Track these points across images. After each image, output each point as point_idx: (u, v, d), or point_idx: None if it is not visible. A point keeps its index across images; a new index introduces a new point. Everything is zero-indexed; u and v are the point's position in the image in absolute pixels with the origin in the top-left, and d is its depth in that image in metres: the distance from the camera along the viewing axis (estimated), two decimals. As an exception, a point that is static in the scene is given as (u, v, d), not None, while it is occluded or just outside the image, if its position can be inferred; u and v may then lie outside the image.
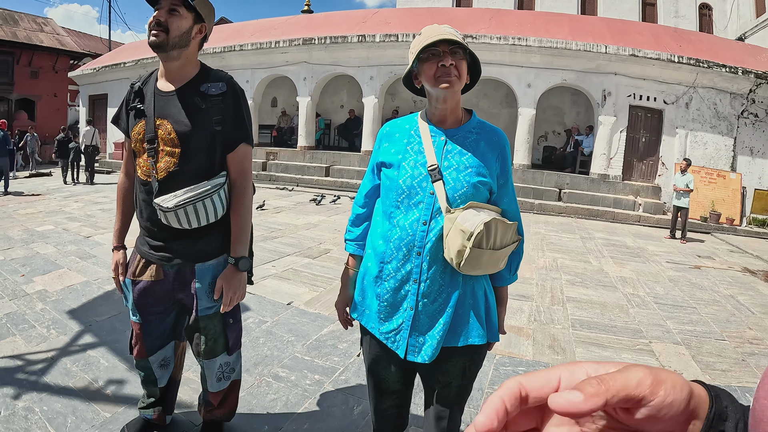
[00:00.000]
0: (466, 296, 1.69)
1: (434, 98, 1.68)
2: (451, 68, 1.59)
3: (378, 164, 1.83)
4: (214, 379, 2.33)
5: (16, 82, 25.70)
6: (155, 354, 2.32)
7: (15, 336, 3.81)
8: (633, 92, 13.47)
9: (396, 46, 14.78)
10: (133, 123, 2.04)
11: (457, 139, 1.70)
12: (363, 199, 1.94)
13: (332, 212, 10.47)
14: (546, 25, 14.75)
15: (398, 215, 1.69)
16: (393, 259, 1.70)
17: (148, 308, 2.21)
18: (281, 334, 4.00)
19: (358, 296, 1.88)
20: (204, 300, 2.14)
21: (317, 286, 5.27)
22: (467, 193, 1.63)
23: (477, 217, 1.54)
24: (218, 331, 2.23)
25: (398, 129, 1.81)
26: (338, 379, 3.31)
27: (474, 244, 1.50)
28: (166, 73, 2.03)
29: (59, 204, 10.91)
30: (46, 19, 29.87)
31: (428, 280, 1.66)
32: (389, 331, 1.73)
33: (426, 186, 1.65)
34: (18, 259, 6.14)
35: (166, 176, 1.98)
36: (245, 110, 2.11)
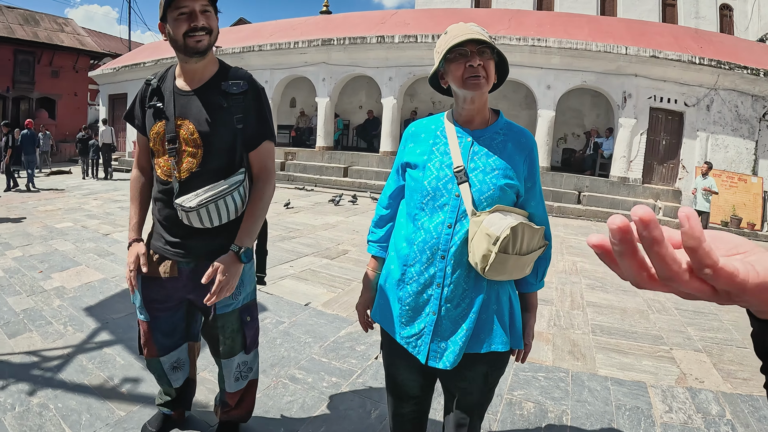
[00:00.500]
0: (491, 301, 1.66)
1: (461, 99, 1.66)
2: (479, 68, 1.57)
3: (403, 165, 1.81)
4: (232, 379, 2.30)
5: (37, 81, 26.18)
6: (167, 354, 2.30)
7: (32, 332, 3.84)
8: (653, 94, 13.26)
9: (415, 47, 14.75)
10: (152, 122, 2.01)
11: (484, 140, 1.67)
12: (387, 200, 1.92)
13: (351, 213, 10.46)
14: (565, 26, 14.62)
15: (422, 217, 1.67)
16: (416, 262, 1.67)
17: (156, 305, 2.18)
18: (298, 335, 3.97)
19: (379, 299, 1.86)
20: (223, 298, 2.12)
21: (335, 287, 5.24)
22: (494, 196, 1.60)
23: (503, 221, 1.51)
24: (236, 329, 2.21)
25: (424, 129, 1.78)
26: (356, 382, 3.28)
27: (500, 248, 1.47)
28: (186, 73, 1.99)
29: (78, 201, 11.05)
30: (66, 19, 30.40)
31: (452, 285, 1.63)
32: (410, 336, 1.71)
33: (451, 188, 1.62)
34: (36, 255, 6.21)
35: (188, 176, 1.96)
36: (267, 107, 2.09)
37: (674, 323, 4.82)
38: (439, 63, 1.66)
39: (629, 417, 3.06)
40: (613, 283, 6.19)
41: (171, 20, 1.83)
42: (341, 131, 18.97)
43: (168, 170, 1.98)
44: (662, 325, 4.74)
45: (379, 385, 3.23)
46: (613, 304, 5.33)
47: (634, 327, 4.64)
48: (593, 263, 7.32)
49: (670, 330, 4.62)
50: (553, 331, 4.41)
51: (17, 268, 5.60)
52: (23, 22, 27.05)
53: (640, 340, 4.31)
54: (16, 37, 25.57)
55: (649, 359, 3.92)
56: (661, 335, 4.47)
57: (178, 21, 1.82)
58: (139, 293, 2.16)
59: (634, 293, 5.73)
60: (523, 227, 1.51)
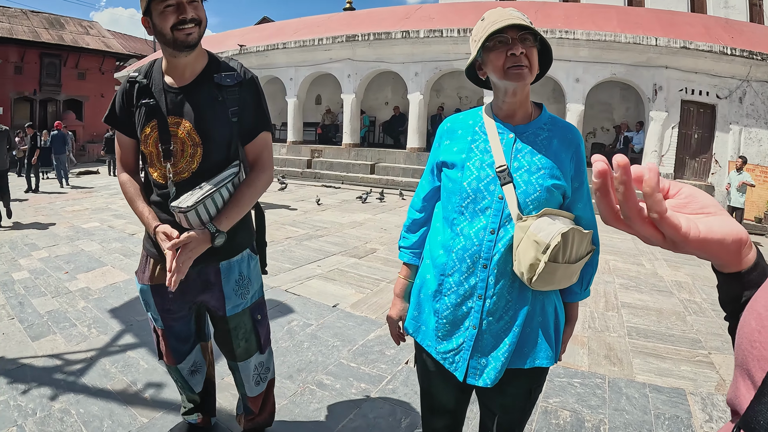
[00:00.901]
0: (535, 313, 1.54)
1: (502, 91, 1.52)
2: (522, 57, 1.42)
3: (438, 164, 1.67)
4: (252, 382, 2.23)
5: (63, 83, 26.80)
6: (184, 360, 2.23)
7: (56, 334, 3.81)
8: (685, 86, 12.90)
9: (440, 42, 14.60)
10: (144, 123, 1.88)
11: (528, 136, 1.54)
12: (421, 203, 1.78)
13: (378, 210, 10.35)
14: (593, 18, 14.29)
15: (462, 222, 1.54)
16: (455, 271, 1.55)
17: (171, 314, 2.10)
18: (326, 338, 3.86)
19: (413, 310, 1.73)
20: (232, 299, 2.05)
21: (363, 288, 5.12)
22: (540, 198, 1.47)
23: (553, 226, 1.38)
24: (249, 328, 2.15)
25: (461, 125, 1.64)
26: (385, 389, 3.15)
27: (550, 257, 1.35)
28: (175, 69, 1.87)
29: (105, 201, 11.17)
30: (91, 22, 31.06)
31: (494, 296, 1.50)
32: (447, 351, 1.59)
33: (494, 189, 1.49)
34: (63, 256, 6.25)
35: (189, 177, 1.86)
36: (262, 97, 2.00)
37: (711, 325, 4.60)
38: (477, 52, 1.51)
39: (668, 427, 2.90)
40: (647, 282, 5.96)
41: (157, 14, 1.70)
42: (367, 128, 18.93)
43: (164, 172, 1.87)
44: (699, 328, 4.53)
45: (410, 391, 3.11)
46: (649, 305, 5.12)
47: (671, 330, 4.43)
48: (626, 261, 7.09)
49: (707, 333, 4.41)
50: (588, 334, 4.23)
51: (43, 269, 5.63)
52: (48, 26, 27.70)
53: (678, 344, 4.11)
54: (41, 40, 26.21)
55: (687, 364, 3.74)
56: (698, 338, 4.27)
57: (165, 14, 1.69)
58: (151, 301, 2.07)
59: (669, 293, 5.54)
60: (573, 233, 1.38)
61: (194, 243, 1.74)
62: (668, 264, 7.06)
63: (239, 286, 2.05)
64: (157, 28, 1.73)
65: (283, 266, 5.80)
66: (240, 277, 2.05)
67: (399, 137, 17.65)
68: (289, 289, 4.98)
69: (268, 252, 2.55)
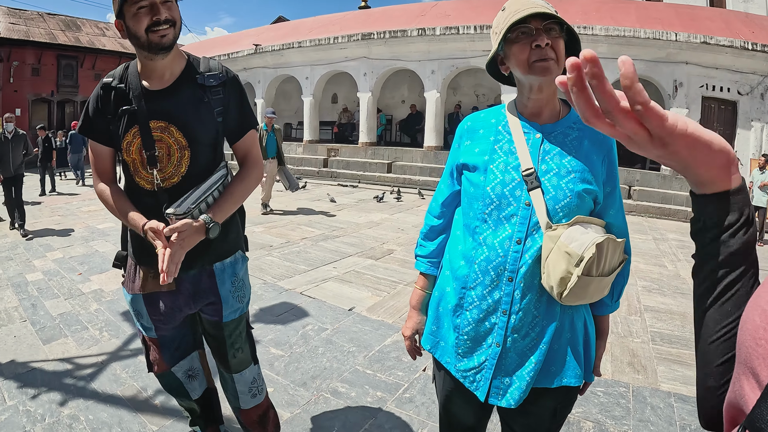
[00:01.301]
0: (564, 329, 1.44)
1: (527, 87, 1.41)
2: (548, 49, 1.31)
3: (458, 166, 1.57)
4: (249, 395, 2.15)
5: (80, 84, 27.20)
6: (178, 363, 2.16)
7: (67, 338, 3.78)
8: (705, 82, 12.68)
9: (457, 39, 14.51)
10: (124, 130, 1.78)
11: (556, 136, 1.42)
12: (439, 209, 1.67)
13: (395, 210, 10.26)
14: (611, 13, 14.11)
15: (485, 231, 1.44)
16: (478, 284, 1.44)
17: (164, 323, 2.02)
18: (342, 343, 3.78)
19: (431, 325, 1.62)
20: (230, 302, 1.98)
21: (380, 291, 5.04)
22: (571, 205, 1.36)
23: (586, 236, 1.28)
24: (244, 337, 2.09)
25: (482, 124, 1.54)
26: (402, 397, 3.07)
27: (583, 270, 1.24)
28: (153, 71, 1.79)
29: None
30: (107, 24, 31.49)
31: (521, 312, 1.40)
32: (468, 370, 1.48)
33: (520, 195, 1.39)
34: (77, 257, 6.25)
35: (179, 182, 1.80)
36: (245, 95, 1.96)
37: None
38: (498, 45, 1.41)
39: (694, 440, 2.78)
40: (670, 285, 5.79)
41: (130, 16, 1.63)
42: (384, 126, 18.88)
43: (152, 179, 1.80)
44: None
45: (428, 400, 3.03)
46: (672, 308, 4.96)
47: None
48: (648, 263, 6.92)
49: None
50: (610, 339, 4.08)
51: (57, 270, 5.63)
52: (65, 28, 28.13)
53: None
54: (58, 42, 26.59)
55: None
56: None
57: (138, 16, 1.62)
58: (144, 311, 1.99)
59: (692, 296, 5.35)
60: (608, 243, 1.28)
61: (189, 231, 1.66)
62: (690, 265, 6.87)
63: (235, 288, 1.99)
64: (131, 31, 1.66)
65: (298, 268, 5.74)
66: (235, 279, 2.00)
67: (416, 136, 17.63)
68: (304, 291, 4.92)
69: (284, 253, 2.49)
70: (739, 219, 0.63)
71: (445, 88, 15.65)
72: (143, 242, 1.84)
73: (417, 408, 2.95)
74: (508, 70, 1.46)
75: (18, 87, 25.69)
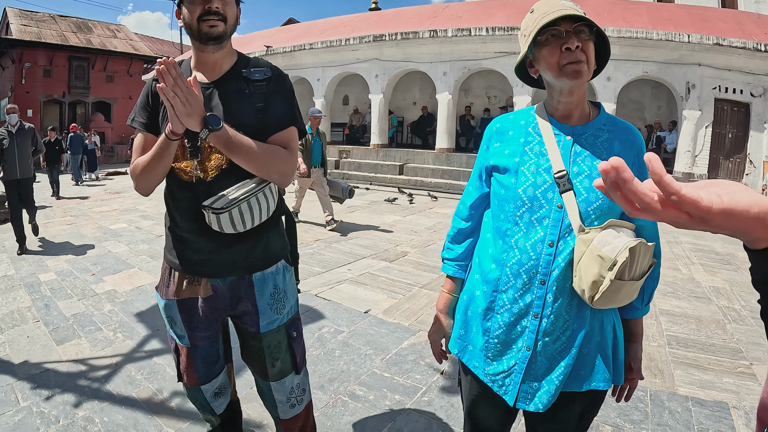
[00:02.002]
0: (594, 333, 1.43)
1: (557, 90, 1.41)
2: (578, 52, 1.30)
3: (488, 168, 1.56)
4: (287, 405, 2.08)
5: (92, 86, 27.54)
6: (209, 382, 2.08)
7: (81, 338, 3.76)
8: (718, 84, 12.58)
9: (469, 41, 14.47)
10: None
11: (587, 138, 1.42)
12: (467, 211, 1.66)
13: (408, 212, 10.20)
14: (623, 14, 14.04)
15: (516, 233, 1.43)
16: (509, 287, 1.44)
17: (198, 332, 1.96)
18: (358, 346, 3.74)
19: (459, 329, 1.62)
20: (267, 314, 1.91)
21: (396, 293, 4.99)
22: (603, 207, 1.35)
23: (618, 239, 1.27)
24: (284, 347, 2.00)
25: (512, 125, 1.53)
26: (420, 400, 3.02)
27: (616, 274, 1.23)
28: (204, 65, 1.81)
29: (134, 202, 11.26)
30: (119, 26, 31.85)
31: (552, 315, 1.39)
32: (497, 374, 1.48)
33: (552, 197, 1.38)
34: (90, 257, 6.27)
35: (218, 174, 1.77)
36: (293, 95, 1.91)
37: (752, 334, 4.36)
38: (528, 48, 1.39)
39: (712, 444, 2.74)
40: (684, 288, 5.69)
41: (186, 3, 1.69)
42: (395, 128, 18.87)
43: (191, 171, 1.78)
44: (740, 337, 4.30)
45: (446, 404, 2.99)
46: (687, 312, 4.88)
47: (711, 339, 4.22)
48: (663, 266, 6.71)
49: (748, 342, 4.18)
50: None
51: (70, 270, 5.64)
52: (76, 30, 28.47)
53: (719, 354, 3.91)
54: (70, 44, 26.87)
55: (729, 376, 3.54)
56: (739, 348, 4.05)
57: (193, 4, 1.66)
58: (178, 317, 1.93)
59: (707, 300, 5.30)
60: (640, 247, 1.26)
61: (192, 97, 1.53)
62: (705, 269, 6.77)
63: (274, 300, 1.93)
64: (186, 20, 1.70)
65: (312, 270, 5.70)
66: (275, 290, 1.93)
67: (427, 137, 17.61)
68: (319, 293, 4.88)
69: (297, 254, 2.42)
70: None
71: (456, 89, 15.62)
72: (177, 245, 1.83)
73: (436, 411, 2.90)
74: (537, 73, 1.46)
75: (30, 88, 26.00)
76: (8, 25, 26.68)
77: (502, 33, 13.53)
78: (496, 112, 16.42)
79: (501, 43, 13.82)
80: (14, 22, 26.73)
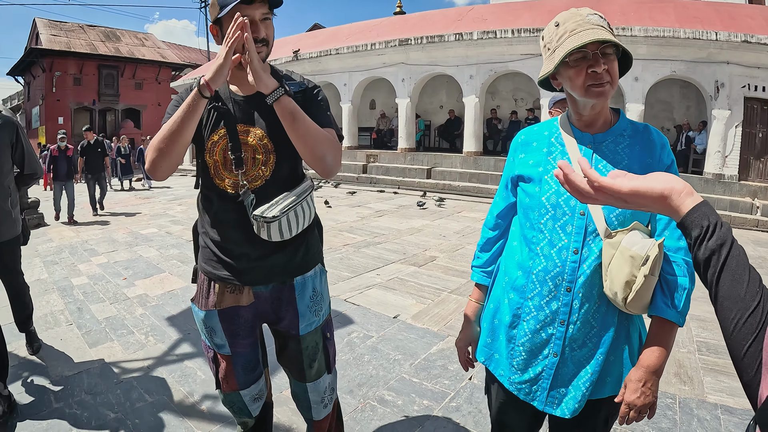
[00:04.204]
0: (620, 340, 1.44)
1: (581, 105, 1.44)
2: (604, 73, 1.32)
3: (513, 178, 1.61)
4: (321, 405, 2.10)
5: (121, 93, 28.27)
6: (249, 387, 2.09)
7: (113, 342, 3.84)
8: (747, 83, 12.19)
9: (494, 44, 14.35)
10: (211, 130, 1.80)
11: (608, 145, 1.45)
12: (494, 221, 1.70)
13: (436, 216, 10.17)
14: (650, 13, 13.74)
15: (541, 241, 1.46)
16: (535, 294, 1.47)
17: (239, 339, 1.98)
18: (387, 351, 3.74)
19: (486, 337, 1.65)
20: (307, 316, 1.95)
21: (424, 298, 4.98)
22: (625, 213, 1.37)
23: (646, 239, 1.30)
24: (320, 347, 2.04)
25: (536, 136, 1.58)
26: (448, 406, 3.01)
27: (650, 270, 1.25)
28: (240, 80, 1.80)
29: (164, 207, 11.48)
30: (146, 34, 32.64)
31: (578, 322, 1.41)
32: (524, 382, 1.51)
33: (575, 205, 1.41)
34: (121, 262, 6.39)
35: (262, 185, 1.80)
36: (327, 105, 1.92)
37: None
38: (554, 68, 1.38)
39: (740, 453, 2.67)
40: None
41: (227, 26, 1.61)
42: (423, 132, 18.85)
43: (236, 182, 1.80)
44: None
45: (474, 409, 2.98)
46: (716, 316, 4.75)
47: None
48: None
49: None
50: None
51: (102, 274, 5.76)
52: (105, 39, 29.25)
53: None
54: (98, 53, 27.58)
55: None
56: None
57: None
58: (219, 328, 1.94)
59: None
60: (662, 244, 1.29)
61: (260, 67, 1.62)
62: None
63: (313, 303, 1.96)
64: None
65: (342, 274, 5.73)
66: (314, 293, 1.97)
67: (455, 141, 17.54)
68: (348, 298, 4.90)
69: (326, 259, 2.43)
70: (700, 233, 0.81)
71: (483, 92, 15.51)
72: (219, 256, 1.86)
73: (464, 417, 2.89)
74: (560, 86, 1.47)
75: (61, 96, 26.76)
76: (38, 35, 27.54)
77: (528, 35, 13.40)
78: (524, 114, 16.33)
79: (527, 45, 13.67)
80: (44, 32, 27.56)
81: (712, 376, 3.52)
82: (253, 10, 1.65)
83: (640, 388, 1.32)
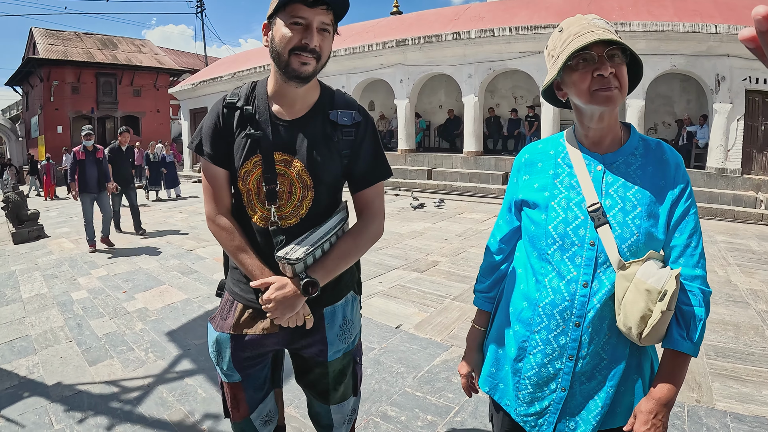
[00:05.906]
0: (631, 371, 1.39)
1: (588, 116, 1.35)
2: (611, 78, 1.25)
3: (517, 202, 1.53)
4: (343, 428, 2.03)
5: (119, 100, 28.36)
6: (257, 408, 1.98)
7: (113, 359, 3.81)
8: (748, 75, 12.14)
9: (492, 42, 14.32)
10: (245, 156, 1.63)
11: (618, 166, 1.36)
12: (498, 245, 1.62)
13: (437, 218, 10.13)
14: (648, 7, 13.70)
15: (549, 272, 1.39)
16: (542, 328, 1.40)
17: (248, 363, 1.86)
18: (390, 363, 3.70)
19: (490, 367, 1.60)
20: (335, 344, 1.83)
21: (427, 306, 4.95)
22: (639, 243, 1.29)
23: (663, 270, 1.23)
24: (349, 372, 1.93)
25: (541, 156, 1.49)
26: (453, 421, 2.97)
27: (668, 305, 1.20)
28: (284, 97, 1.65)
29: (163, 215, 11.46)
30: (143, 40, 32.73)
31: (588, 357, 1.36)
32: (530, 415, 1.46)
33: (584, 234, 1.33)
34: (121, 274, 6.37)
35: (297, 223, 1.67)
36: (380, 140, 1.79)
37: None
38: (557, 72, 1.32)
39: (752, 463, 2.61)
40: (721, 292, 5.48)
41: (280, 25, 1.50)
42: (423, 131, 18.83)
43: (267, 216, 1.66)
44: None
45: (479, 424, 2.93)
46: (725, 318, 4.70)
47: (749, 347, 4.04)
48: None
49: None
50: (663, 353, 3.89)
51: (101, 288, 5.74)
52: (102, 47, 29.32)
53: (758, 364, 3.74)
54: (96, 60, 27.64)
55: None
56: None
57: (291, 29, 1.49)
58: (228, 353, 1.81)
59: (744, 304, 5.10)
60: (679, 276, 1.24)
61: (282, 292, 1.57)
62: (741, 270, 6.53)
63: (343, 331, 1.84)
64: (276, 44, 1.52)
65: (341, 282, 5.65)
66: (344, 321, 1.84)
67: (455, 141, 17.53)
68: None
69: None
70: None
71: (482, 91, 15.47)
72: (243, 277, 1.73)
73: (469, 433, 2.86)
74: (565, 96, 1.39)
75: (59, 105, 26.80)
76: (35, 44, 27.60)
77: (526, 32, 13.37)
78: (524, 112, 16.28)
79: (525, 43, 13.66)
80: (40, 41, 27.59)
81: (720, 381, 3.48)
82: (312, 15, 1.48)
83: (651, 420, 1.27)
